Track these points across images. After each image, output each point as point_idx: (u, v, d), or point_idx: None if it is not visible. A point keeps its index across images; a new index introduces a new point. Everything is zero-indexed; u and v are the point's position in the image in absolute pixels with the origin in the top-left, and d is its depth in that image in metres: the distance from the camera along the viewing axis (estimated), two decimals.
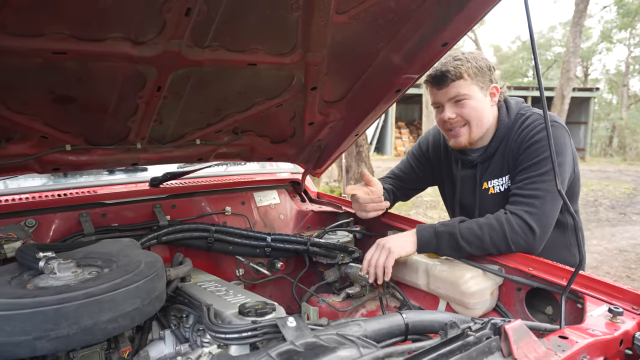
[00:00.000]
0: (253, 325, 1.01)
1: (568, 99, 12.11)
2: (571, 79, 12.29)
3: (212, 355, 0.93)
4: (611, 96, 34.71)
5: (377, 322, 1.06)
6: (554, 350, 0.98)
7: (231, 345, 1.04)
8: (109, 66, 1.28)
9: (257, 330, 1.00)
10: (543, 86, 1.24)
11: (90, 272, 1.15)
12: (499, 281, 1.50)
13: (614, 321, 1.15)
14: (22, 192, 1.72)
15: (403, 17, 1.44)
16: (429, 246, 1.57)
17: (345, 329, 1.00)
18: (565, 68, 12.39)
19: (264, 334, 1.00)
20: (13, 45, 1.07)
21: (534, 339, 0.99)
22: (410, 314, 1.12)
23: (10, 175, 1.55)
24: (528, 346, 0.96)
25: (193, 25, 1.21)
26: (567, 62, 12.37)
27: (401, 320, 1.09)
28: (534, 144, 1.59)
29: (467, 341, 0.96)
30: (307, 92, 1.70)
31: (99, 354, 1.09)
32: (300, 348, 0.84)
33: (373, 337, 1.03)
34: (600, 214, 9.16)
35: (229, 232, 1.83)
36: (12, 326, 0.89)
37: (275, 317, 1.04)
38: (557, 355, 0.96)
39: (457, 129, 1.70)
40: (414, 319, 1.11)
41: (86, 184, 1.98)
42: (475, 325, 1.03)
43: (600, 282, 1.32)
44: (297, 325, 0.99)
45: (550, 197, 1.53)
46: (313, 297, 1.85)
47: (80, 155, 1.59)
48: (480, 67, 1.66)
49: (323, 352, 0.83)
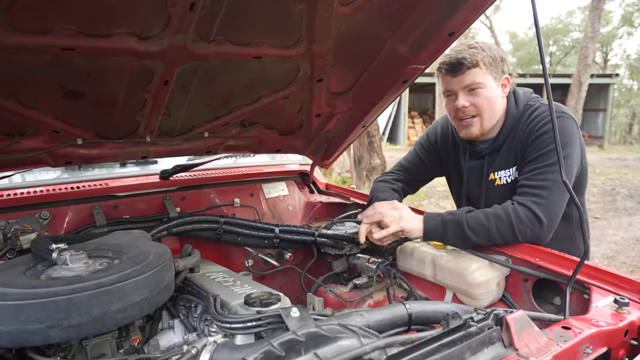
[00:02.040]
0: (257, 316, 1.03)
1: (586, 85, 11.86)
2: (589, 65, 12.01)
3: (216, 344, 0.96)
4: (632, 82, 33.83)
5: (380, 312, 1.07)
6: (556, 341, 0.98)
7: (236, 335, 1.07)
8: (117, 61, 1.30)
9: (262, 320, 1.02)
10: (559, 73, 1.22)
11: (101, 263, 1.19)
12: (506, 272, 1.50)
13: (620, 312, 1.14)
14: (36, 185, 1.77)
15: (408, 7, 1.44)
16: (435, 234, 1.57)
17: (347, 319, 1.02)
18: (583, 54, 12.10)
19: (268, 324, 1.03)
20: (23, 42, 1.10)
21: (536, 329, 1.00)
22: (413, 305, 1.13)
23: (25, 168, 1.59)
24: (529, 336, 0.97)
25: (198, 19, 1.23)
26: (585, 47, 12.08)
27: (404, 311, 1.11)
28: (542, 135, 1.58)
29: (468, 331, 0.97)
30: (313, 84, 1.71)
31: (110, 342, 1.13)
32: (302, 338, 0.86)
33: (376, 327, 1.05)
34: (617, 203, 9.00)
35: (237, 224, 1.86)
36: (26, 315, 0.92)
37: (280, 308, 1.06)
38: (558, 346, 0.96)
39: (468, 118, 1.68)
40: (417, 309, 1.13)
41: (98, 177, 2.03)
42: (478, 315, 1.04)
43: (607, 272, 1.32)
44: (301, 315, 1.01)
45: (557, 188, 1.51)
46: (321, 287, 1.87)
47: (91, 149, 1.63)
48: (494, 57, 1.65)
49: (324, 342, 0.85)
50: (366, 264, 1.76)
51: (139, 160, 2.11)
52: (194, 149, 1.89)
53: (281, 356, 0.80)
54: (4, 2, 0.98)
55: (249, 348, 0.91)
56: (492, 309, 1.06)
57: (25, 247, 1.43)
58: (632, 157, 17.24)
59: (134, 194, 1.84)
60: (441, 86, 1.73)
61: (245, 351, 0.89)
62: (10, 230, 1.44)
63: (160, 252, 1.24)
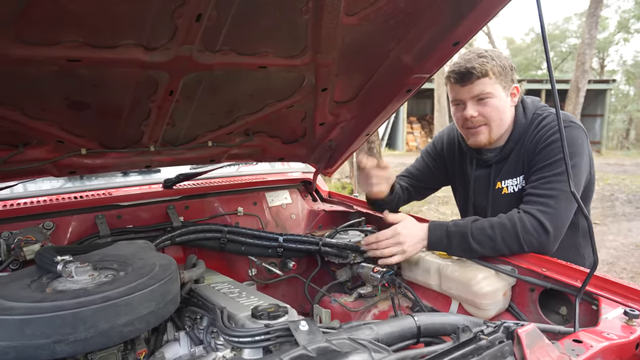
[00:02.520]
0: (266, 329, 1.02)
1: (583, 91, 11.88)
2: (586, 71, 12.04)
3: (225, 359, 0.94)
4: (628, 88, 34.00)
5: (389, 325, 1.06)
6: (568, 355, 0.97)
7: (244, 349, 1.05)
8: (122, 72, 1.29)
9: (270, 334, 1.01)
10: (556, 79, 1.22)
11: (107, 275, 1.17)
12: (512, 282, 1.49)
13: (630, 324, 1.13)
14: (39, 195, 1.76)
15: (413, 17, 1.43)
16: (439, 245, 1.57)
17: (357, 332, 1.00)
18: (581, 60, 12.13)
19: (277, 338, 1.01)
20: (30, 55, 1.09)
21: (547, 342, 0.98)
22: (422, 317, 1.12)
23: (29, 178, 1.58)
24: (541, 350, 0.96)
25: (204, 30, 1.22)
26: (583, 54, 12.12)
27: (413, 323, 1.09)
28: (550, 144, 1.57)
29: (479, 345, 0.96)
30: (317, 93, 1.70)
31: (115, 356, 1.11)
32: (313, 353, 0.85)
33: (385, 340, 1.04)
34: (616, 208, 9.01)
35: (241, 233, 1.85)
36: (32, 330, 0.91)
37: (288, 321, 1.04)
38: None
39: (476, 127, 1.67)
40: (425, 321, 1.11)
41: (101, 186, 2.01)
42: (488, 328, 1.02)
43: (616, 283, 1.31)
44: (310, 329, 1.00)
45: (565, 197, 1.50)
46: (325, 297, 1.86)
47: (95, 158, 1.61)
48: (504, 66, 1.64)
49: (335, 358, 0.84)
50: (371, 273, 1.74)
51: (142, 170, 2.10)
52: (198, 158, 1.88)
53: None
54: (12, 15, 0.97)
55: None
56: (502, 322, 1.05)
57: (29, 258, 1.41)
58: (629, 162, 17.28)
59: (137, 204, 1.82)
60: (450, 94, 1.73)
61: None
62: (14, 241, 1.42)
63: (165, 264, 1.23)
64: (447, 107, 10.09)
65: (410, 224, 1.61)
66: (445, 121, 9.97)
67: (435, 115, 10.27)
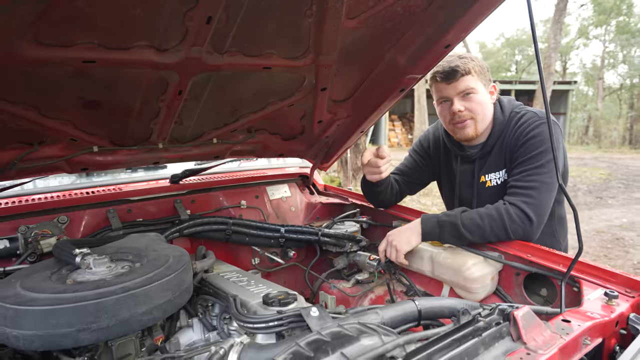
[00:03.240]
0: (279, 315, 1.00)
1: (549, 92, 12.05)
2: (552, 74, 12.21)
3: (243, 344, 0.92)
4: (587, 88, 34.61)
5: (393, 309, 1.05)
6: (559, 334, 0.98)
7: (257, 334, 1.03)
8: (134, 73, 1.25)
9: (283, 320, 0.99)
10: (524, 80, 1.22)
11: (123, 267, 1.14)
12: (499, 267, 1.49)
13: (610, 304, 1.14)
14: (53, 191, 1.70)
15: (409, 21, 1.42)
16: (432, 235, 1.56)
17: (364, 317, 0.99)
18: (547, 63, 12.28)
19: (289, 323, 1.00)
20: (47, 56, 1.04)
21: (540, 323, 0.99)
22: (422, 301, 1.11)
23: (43, 175, 1.52)
24: (535, 331, 0.96)
25: (213, 32, 1.19)
26: (549, 57, 12.28)
27: (414, 307, 1.09)
28: (530, 139, 1.58)
29: (477, 326, 0.96)
30: (317, 93, 1.68)
31: (134, 342, 1.08)
32: (327, 337, 0.83)
33: (389, 323, 1.03)
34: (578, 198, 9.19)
35: (246, 225, 1.82)
36: (57, 319, 0.88)
37: (299, 307, 1.03)
38: (562, 339, 0.95)
39: (463, 121, 1.67)
40: (425, 305, 1.11)
41: (108, 182, 1.96)
42: (485, 311, 1.02)
43: (595, 267, 1.32)
44: (320, 314, 0.98)
45: (545, 188, 1.52)
46: (324, 283, 1.84)
47: (106, 155, 1.57)
48: (482, 66, 1.66)
49: (348, 341, 0.83)
50: (367, 260, 1.74)
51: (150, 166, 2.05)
52: (203, 154, 1.84)
53: (310, 356, 0.77)
54: (30, 17, 0.93)
55: (275, 348, 0.88)
56: (497, 305, 1.05)
57: (45, 250, 1.37)
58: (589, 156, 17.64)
59: (146, 198, 1.78)
60: (435, 94, 1.72)
61: (273, 351, 0.86)
62: (31, 234, 1.38)
63: (178, 255, 1.20)
64: (426, 106, 10.12)
65: (398, 229, 1.64)
66: (425, 119, 10.00)
67: (415, 114, 10.29)
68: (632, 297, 1.19)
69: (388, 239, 1.61)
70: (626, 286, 1.24)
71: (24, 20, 0.93)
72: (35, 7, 0.91)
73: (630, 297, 1.19)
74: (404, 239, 1.56)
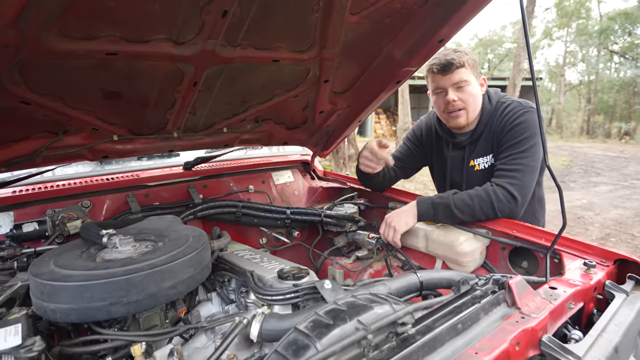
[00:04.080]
0: (295, 288, 0.99)
1: (519, 87, 12.09)
2: (521, 70, 12.23)
3: (264, 315, 0.91)
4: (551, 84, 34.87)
5: (399, 281, 1.05)
6: (548, 299, 0.98)
7: (275, 305, 1.02)
8: (152, 65, 1.21)
9: (299, 292, 0.98)
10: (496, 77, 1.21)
11: (147, 246, 1.12)
12: (487, 242, 1.50)
13: (589, 272, 1.15)
14: (77, 177, 1.66)
15: (406, 17, 1.39)
16: (427, 215, 1.56)
17: (373, 288, 0.98)
18: (517, 61, 12.31)
19: (305, 295, 0.99)
20: (72, 48, 1.00)
21: (531, 290, 0.99)
22: (423, 274, 1.11)
23: (67, 163, 1.48)
24: (528, 297, 0.96)
25: (227, 26, 1.15)
26: (518, 55, 12.30)
27: (417, 279, 1.08)
28: (515, 127, 1.57)
29: (475, 294, 0.96)
30: (320, 84, 1.64)
31: (159, 315, 1.07)
32: (343, 307, 0.82)
33: (396, 294, 1.03)
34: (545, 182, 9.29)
35: (254, 207, 1.80)
36: (91, 294, 0.86)
37: (313, 281, 1.02)
38: (551, 304, 0.96)
39: (457, 111, 1.66)
40: (426, 277, 1.11)
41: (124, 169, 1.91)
42: (481, 281, 1.02)
43: (573, 240, 1.33)
44: (333, 287, 0.97)
45: (529, 170, 1.52)
46: (327, 259, 1.84)
47: (125, 144, 1.52)
48: (474, 60, 1.65)
49: (363, 310, 0.82)
50: (366, 239, 1.73)
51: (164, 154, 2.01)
52: (214, 142, 1.80)
53: (330, 324, 0.76)
54: (57, 11, 0.88)
55: (294, 317, 0.87)
56: (492, 275, 1.05)
57: (72, 232, 1.33)
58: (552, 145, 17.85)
59: (162, 184, 1.74)
60: (431, 85, 1.70)
61: (293, 320, 0.85)
62: (58, 217, 1.34)
63: (197, 235, 1.18)
64: (409, 100, 10.08)
65: (396, 212, 1.62)
66: (408, 112, 9.98)
67: (399, 107, 10.25)
68: (607, 266, 1.20)
69: (387, 220, 1.60)
70: (602, 257, 1.25)
71: (52, 14, 0.89)
72: (62, 1, 0.87)
73: (605, 266, 1.21)
74: (402, 220, 1.55)
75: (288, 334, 0.75)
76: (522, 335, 0.83)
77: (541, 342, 0.86)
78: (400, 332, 0.76)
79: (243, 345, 0.96)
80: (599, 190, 8.23)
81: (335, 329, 0.74)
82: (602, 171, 10.60)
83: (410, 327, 0.77)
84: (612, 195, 7.76)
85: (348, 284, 1.11)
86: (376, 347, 0.73)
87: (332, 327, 0.75)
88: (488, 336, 0.82)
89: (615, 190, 8.16)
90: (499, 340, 0.80)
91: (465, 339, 0.81)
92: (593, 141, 20.91)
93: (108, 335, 0.92)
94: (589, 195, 7.75)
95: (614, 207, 6.83)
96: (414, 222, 1.56)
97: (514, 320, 0.88)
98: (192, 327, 1.01)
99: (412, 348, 0.73)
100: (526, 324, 0.86)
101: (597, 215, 6.38)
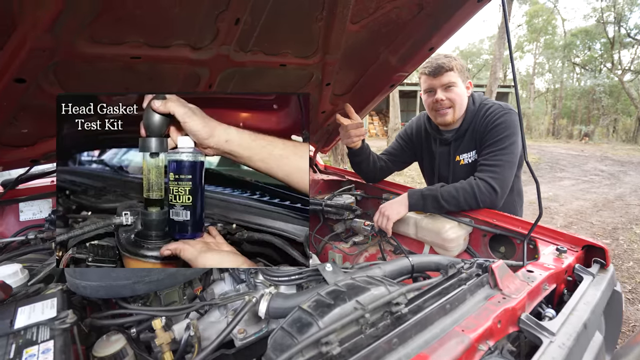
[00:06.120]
0: (299, 270, 0.96)
1: (495, 93, 12.02)
2: (497, 79, 12.15)
3: (271, 294, 0.88)
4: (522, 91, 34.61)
5: (392, 265, 1.02)
6: (526, 282, 0.95)
7: (281, 286, 0.99)
8: (172, 68, 1.16)
9: (303, 274, 0.95)
10: (475, 84, 1.16)
11: None
12: (470, 230, 1.46)
13: (561, 257, 1.13)
14: None
15: (400, 27, 1.34)
16: (417, 206, 1.52)
17: (370, 271, 0.95)
18: (493, 70, 12.23)
19: (308, 277, 0.96)
20: (101, 52, 0.95)
21: (511, 273, 0.96)
22: (414, 258, 1.08)
23: None
24: (508, 279, 0.94)
25: (240, 33, 1.10)
26: (494, 66, 12.22)
27: (408, 263, 1.05)
28: (496, 126, 1.53)
29: (461, 277, 0.93)
30: (322, 87, 1.60)
31: (178, 292, 1.04)
32: (343, 288, 0.79)
33: (389, 276, 1.00)
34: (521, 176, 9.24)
35: None
36: (117, 273, 0.83)
37: (316, 264, 0.98)
38: (529, 285, 0.93)
39: (444, 109, 1.63)
40: (417, 261, 1.08)
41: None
42: (466, 265, 0.99)
43: (546, 228, 1.30)
44: (334, 269, 0.94)
45: (508, 166, 1.49)
46: (327, 244, 1.81)
47: None
48: (462, 65, 1.61)
49: (361, 291, 0.79)
50: (362, 226, 1.70)
51: None
52: None
53: (331, 303, 0.73)
54: (88, 19, 0.84)
55: (298, 297, 0.84)
56: (476, 259, 1.02)
57: None
58: None
59: None
60: (423, 85, 1.66)
61: (297, 300, 0.82)
62: None
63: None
64: (399, 103, 10.00)
65: (389, 202, 1.58)
66: (398, 114, 9.91)
67: (390, 110, 10.18)
68: (576, 252, 1.18)
69: (381, 210, 1.56)
70: (571, 243, 1.22)
71: (83, 22, 0.84)
72: (92, 9, 0.82)
73: (575, 251, 1.18)
74: (394, 210, 1.52)
75: (293, 312, 0.72)
76: (503, 314, 0.81)
77: (520, 320, 0.84)
78: (394, 312, 0.73)
79: (252, 321, 0.93)
80: (563, 184, 8.20)
81: (336, 308, 0.71)
82: (566, 167, 10.55)
83: (404, 307, 0.74)
84: (574, 188, 7.73)
85: (347, 267, 1.08)
86: (372, 324, 0.70)
87: (333, 307, 0.72)
88: (473, 315, 0.79)
89: (577, 184, 8.13)
90: (483, 318, 0.78)
91: (453, 317, 0.79)
92: (558, 141, 20.79)
93: (133, 309, 0.89)
94: (555, 189, 7.72)
95: (575, 198, 6.80)
96: (405, 211, 1.53)
97: (496, 301, 0.85)
98: (206, 303, 0.98)
99: (405, 326, 0.71)
100: (507, 303, 0.83)
101: (562, 205, 6.35)
